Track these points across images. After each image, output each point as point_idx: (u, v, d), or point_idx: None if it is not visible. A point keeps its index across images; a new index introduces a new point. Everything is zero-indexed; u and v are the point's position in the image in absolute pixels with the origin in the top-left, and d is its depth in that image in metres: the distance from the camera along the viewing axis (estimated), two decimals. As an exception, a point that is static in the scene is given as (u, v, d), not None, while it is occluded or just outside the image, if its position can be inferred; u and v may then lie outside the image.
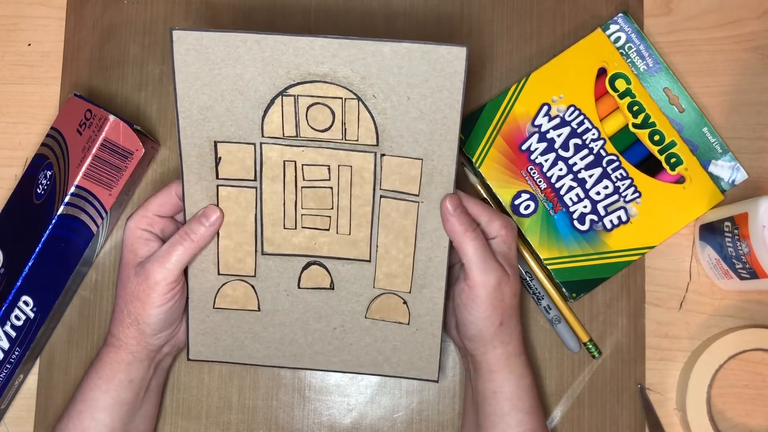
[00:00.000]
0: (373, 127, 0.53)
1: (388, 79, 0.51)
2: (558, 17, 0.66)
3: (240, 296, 0.57)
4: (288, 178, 0.55)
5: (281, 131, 0.54)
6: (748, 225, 0.55)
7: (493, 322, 0.54)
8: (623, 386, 0.62)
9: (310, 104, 0.52)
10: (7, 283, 0.58)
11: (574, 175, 0.62)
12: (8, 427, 0.63)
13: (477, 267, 0.53)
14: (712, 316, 0.63)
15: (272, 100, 0.53)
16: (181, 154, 0.54)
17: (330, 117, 0.53)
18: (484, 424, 0.55)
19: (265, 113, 0.53)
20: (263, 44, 0.51)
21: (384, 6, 0.66)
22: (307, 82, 0.52)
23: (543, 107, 0.63)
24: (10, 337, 0.59)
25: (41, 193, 0.60)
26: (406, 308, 0.57)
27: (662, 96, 0.63)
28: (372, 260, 0.57)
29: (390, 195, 0.55)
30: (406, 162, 0.54)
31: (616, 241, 0.62)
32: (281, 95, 0.52)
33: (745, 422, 0.62)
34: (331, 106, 0.53)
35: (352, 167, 0.54)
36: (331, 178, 0.55)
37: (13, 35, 0.67)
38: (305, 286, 0.57)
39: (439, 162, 0.54)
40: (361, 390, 0.63)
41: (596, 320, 0.63)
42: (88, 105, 0.59)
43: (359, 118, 0.53)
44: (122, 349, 0.55)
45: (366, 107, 0.52)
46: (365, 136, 0.53)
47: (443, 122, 0.52)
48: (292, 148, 0.54)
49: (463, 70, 0.51)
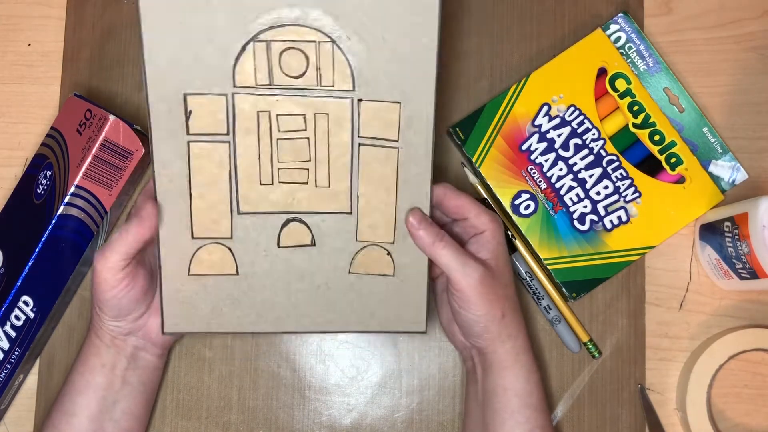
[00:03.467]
0: (348, 71, 0.52)
1: (362, 19, 0.50)
2: (558, 17, 0.66)
3: (216, 260, 0.55)
4: (262, 130, 0.53)
5: (254, 80, 0.52)
6: (748, 225, 0.55)
7: (495, 315, 0.54)
8: (623, 386, 0.62)
9: (283, 49, 0.51)
10: (7, 283, 0.58)
11: (574, 175, 0.62)
12: (8, 427, 0.63)
13: (456, 271, 0.53)
14: (712, 316, 0.63)
15: (243, 47, 0.51)
16: (149, 111, 0.52)
17: (304, 62, 0.52)
18: (492, 422, 0.55)
19: (237, 61, 0.51)
20: None
21: None
22: (279, 26, 0.51)
23: (543, 107, 0.63)
24: (10, 337, 0.59)
25: (41, 193, 0.60)
26: (390, 259, 0.56)
27: (662, 96, 0.63)
28: (353, 212, 0.55)
29: (368, 142, 0.54)
30: (384, 106, 0.53)
31: (616, 241, 0.62)
32: (252, 41, 0.51)
33: (745, 422, 0.62)
34: (304, 50, 0.51)
35: (329, 115, 0.53)
36: (308, 128, 0.53)
37: (13, 35, 0.67)
38: (285, 244, 0.55)
39: (417, 105, 0.53)
40: (361, 390, 0.63)
41: (596, 320, 0.63)
42: (88, 105, 0.59)
43: (334, 61, 0.52)
44: (92, 332, 0.56)
45: (341, 50, 0.51)
46: (341, 81, 0.52)
47: (420, 63, 0.51)
48: (266, 97, 0.52)
49: (437, 5, 0.50)
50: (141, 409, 0.59)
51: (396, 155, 0.54)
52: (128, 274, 0.54)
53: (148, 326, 0.57)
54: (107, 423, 0.56)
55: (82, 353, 0.57)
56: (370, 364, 0.64)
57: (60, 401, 0.57)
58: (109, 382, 0.56)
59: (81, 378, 0.56)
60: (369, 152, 0.54)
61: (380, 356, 0.64)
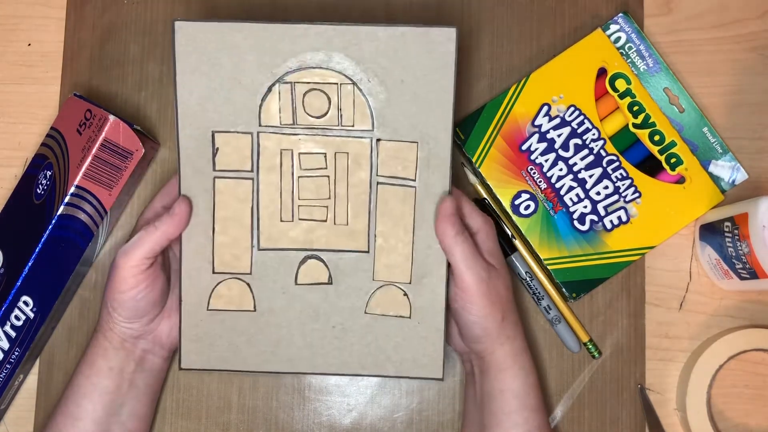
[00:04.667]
0: (368, 111, 0.54)
1: (381, 62, 0.53)
2: (558, 17, 0.66)
3: (235, 296, 0.57)
4: (285, 167, 0.55)
5: (278, 119, 0.54)
6: (748, 225, 0.55)
7: (495, 317, 0.54)
8: (623, 386, 0.62)
9: (306, 90, 0.53)
10: (6, 284, 0.58)
11: (574, 175, 0.62)
12: (8, 427, 0.63)
13: (467, 268, 0.53)
14: (712, 316, 0.63)
15: (269, 88, 0.54)
16: (178, 147, 0.54)
17: (326, 103, 0.54)
18: (489, 423, 0.55)
19: (263, 101, 0.54)
20: (260, 33, 0.52)
21: (384, 5, 0.66)
22: (304, 68, 0.53)
23: (543, 107, 0.63)
24: (9, 338, 0.59)
25: (41, 193, 0.60)
26: (407, 300, 0.57)
27: (662, 96, 0.63)
28: (371, 251, 0.56)
29: (387, 181, 0.55)
30: (403, 146, 0.55)
31: (616, 241, 0.62)
32: (278, 82, 0.54)
33: (745, 422, 0.62)
34: (326, 91, 0.54)
35: (349, 154, 0.55)
36: (328, 166, 0.55)
37: (13, 35, 0.67)
38: (302, 282, 0.57)
39: (434, 145, 0.54)
40: (361, 390, 0.63)
41: (596, 320, 0.63)
42: (88, 105, 0.59)
43: (354, 102, 0.54)
44: (100, 334, 0.56)
45: (361, 91, 0.54)
46: (361, 121, 0.54)
47: (437, 104, 0.54)
48: (289, 136, 0.55)
49: (453, 50, 0.53)
50: (147, 409, 0.59)
51: (413, 194, 0.55)
52: (150, 275, 0.54)
53: (160, 329, 0.57)
54: (114, 426, 0.56)
55: (88, 355, 0.57)
56: (370, 364, 0.64)
57: (64, 404, 0.56)
58: (116, 385, 0.56)
59: (87, 381, 0.56)
60: (387, 191, 0.55)
61: (380, 356, 0.64)
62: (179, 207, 0.54)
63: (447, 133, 0.54)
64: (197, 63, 0.53)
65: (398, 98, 0.54)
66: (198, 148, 0.54)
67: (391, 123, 0.54)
